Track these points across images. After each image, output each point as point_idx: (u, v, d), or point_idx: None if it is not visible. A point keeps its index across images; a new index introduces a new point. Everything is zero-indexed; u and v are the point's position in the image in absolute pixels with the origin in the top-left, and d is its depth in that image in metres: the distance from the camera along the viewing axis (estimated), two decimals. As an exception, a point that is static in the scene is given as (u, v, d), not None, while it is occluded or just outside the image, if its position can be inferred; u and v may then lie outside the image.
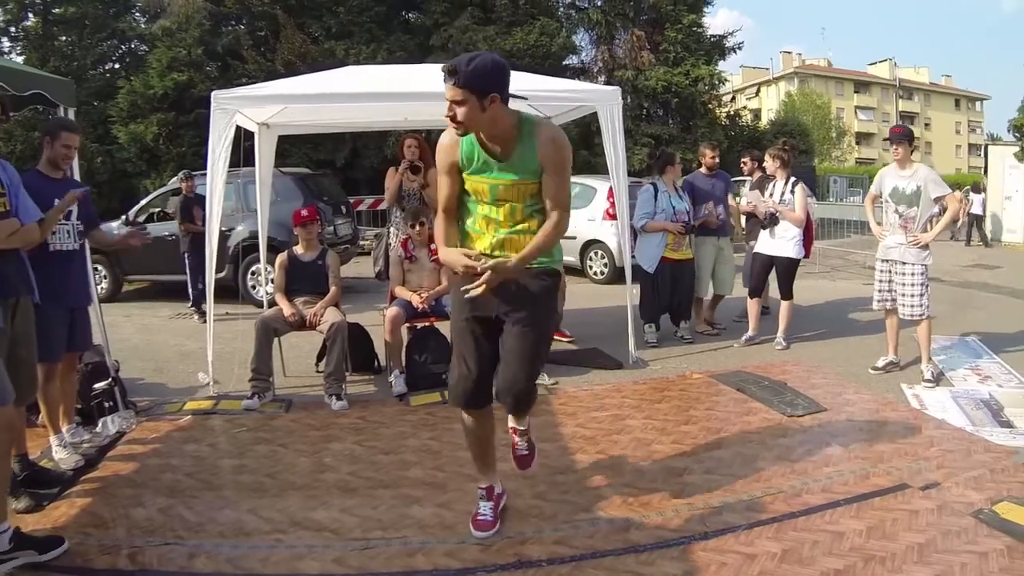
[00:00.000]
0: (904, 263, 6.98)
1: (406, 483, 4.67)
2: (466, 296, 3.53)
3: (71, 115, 6.34)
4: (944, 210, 7.21)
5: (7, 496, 3.80)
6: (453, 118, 3.51)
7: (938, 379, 6.96)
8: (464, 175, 3.76)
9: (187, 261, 10.64)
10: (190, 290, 10.74)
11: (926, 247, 6.95)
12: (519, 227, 3.74)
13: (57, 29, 24.77)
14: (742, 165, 9.98)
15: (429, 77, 7.92)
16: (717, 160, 9.16)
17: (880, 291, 7.24)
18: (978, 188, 24.25)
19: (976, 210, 23.15)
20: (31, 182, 4.57)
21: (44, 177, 4.96)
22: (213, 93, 6.67)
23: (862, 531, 3.89)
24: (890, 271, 7.13)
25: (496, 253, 3.74)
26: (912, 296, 6.97)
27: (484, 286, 3.49)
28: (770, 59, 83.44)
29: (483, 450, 4.15)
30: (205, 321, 8.97)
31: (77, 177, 5.86)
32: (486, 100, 3.45)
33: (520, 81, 7.90)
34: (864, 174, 40.38)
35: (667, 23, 25.36)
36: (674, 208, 8.36)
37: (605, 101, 7.42)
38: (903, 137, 7.06)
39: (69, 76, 23.28)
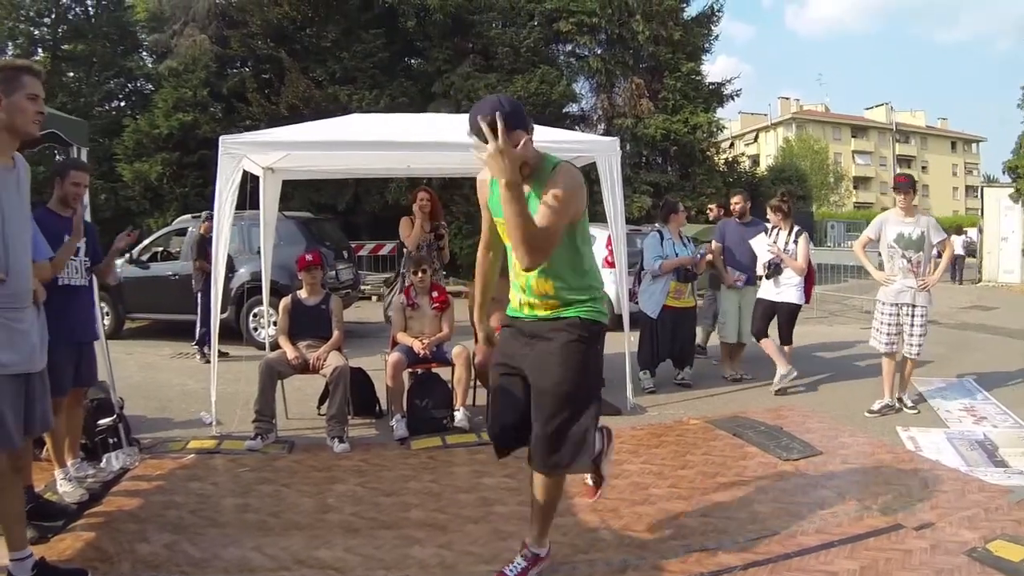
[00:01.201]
0: (915, 306, 7.29)
1: (408, 524, 4.72)
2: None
3: (83, 154, 6.47)
4: (940, 254, 7.58)
5: (24, 526, 3.86)
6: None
7: (917, 403, 7.49)
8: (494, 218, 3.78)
9: (199, 300, 10.62)
10: (197, 328, 10.74)
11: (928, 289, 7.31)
12: (535, 291, 3.68)
13: (65, 66, 25.04)
14: (708, 211, 10.11)
15: (431, 126, 8.11)
16: (740, 206, 9.32)
17: (889, 334, 7.44)
18: (960, 230, 24.93)
19: (958, 251, 23.67)
20: (41, 218, 4.67)
21: (53, 214, 5.07)
22: (221, 138, 6.79)
23: (856, 571, 3.96)
24: (898, 314, 7.37)
25: (525, 312, 3.77)
26: (920, 336, 7.34)
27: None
28: (768, 105, 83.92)
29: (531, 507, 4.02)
30: (207, 362, 9.11)
31: (88, 215, 5.97)
32: (530, 134, 3.44)
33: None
34: (862, 219, 40.60)
35: (666, 71, 25.70)
36: (677, 255, 8.48)
37: (604, 152, 7.55)
38: (909, 186, 7.39)
39: (76, 112, 23.67)
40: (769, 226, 8.65)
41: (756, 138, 72.03)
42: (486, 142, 3.20)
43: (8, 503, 3.61)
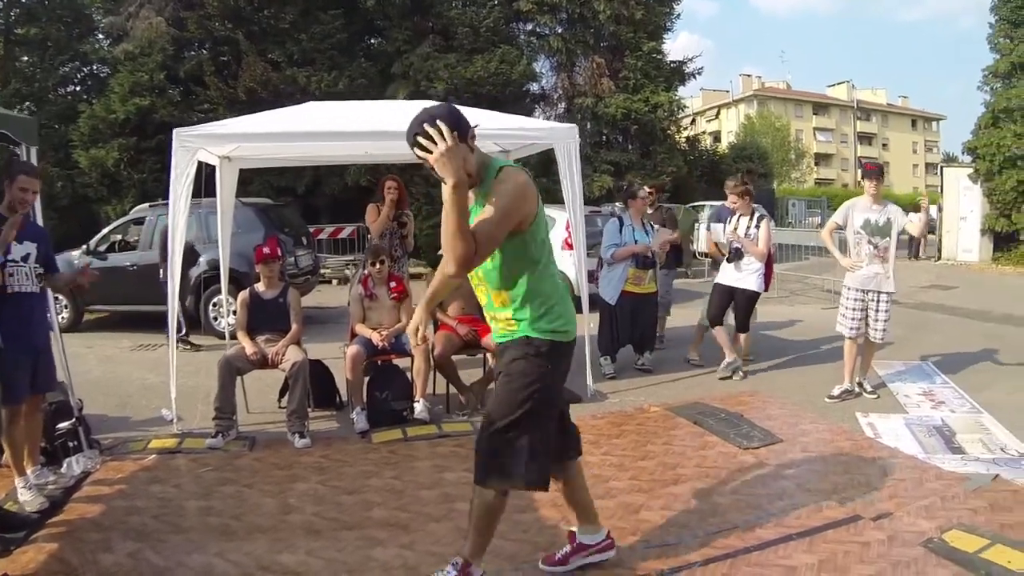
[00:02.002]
0: (880, 292, 7.36)
1: (370, 524, 4.71)
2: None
3: (33, 154, 6.33)
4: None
5: None
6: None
7: (877, 388, 7.51)
8: None
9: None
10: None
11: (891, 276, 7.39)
12: (494, 305, 3.67)
13: (19, 50, 24.53)
14: (648, 195, 9.94)
15: (388, 113, 8.06)
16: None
17: (855, 319, 7.49)
18: (917, 209, 25.64)
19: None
20: None
21: (2, 220, 4.97)
22: (175, 131, 6.70)
23: (814, 564, 4.01)
24: (864, 299, 7.43)
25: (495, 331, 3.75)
26: (885, 322, 7.42)
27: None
28: (730, 81, 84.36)
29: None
30: (188, 347, 9.69)
31: (39, 217, 5.87)
32: (469, 140, 3.35)
33: (480, 118, 8.10)
34: (823, 196, 40.88)
35: (627, 50, 25.63)
36: (636, 242, 8.47)
37: (562, 139, 7.54)
38: (878, 173, 7.46)
39: (31, 98, 23.19)
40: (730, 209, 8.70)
41: (717, 115, 72.34)
42: (428, 151, 3.17)
43: None
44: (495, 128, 7.96)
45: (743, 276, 8.35)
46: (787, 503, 4.87)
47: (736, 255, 8.35)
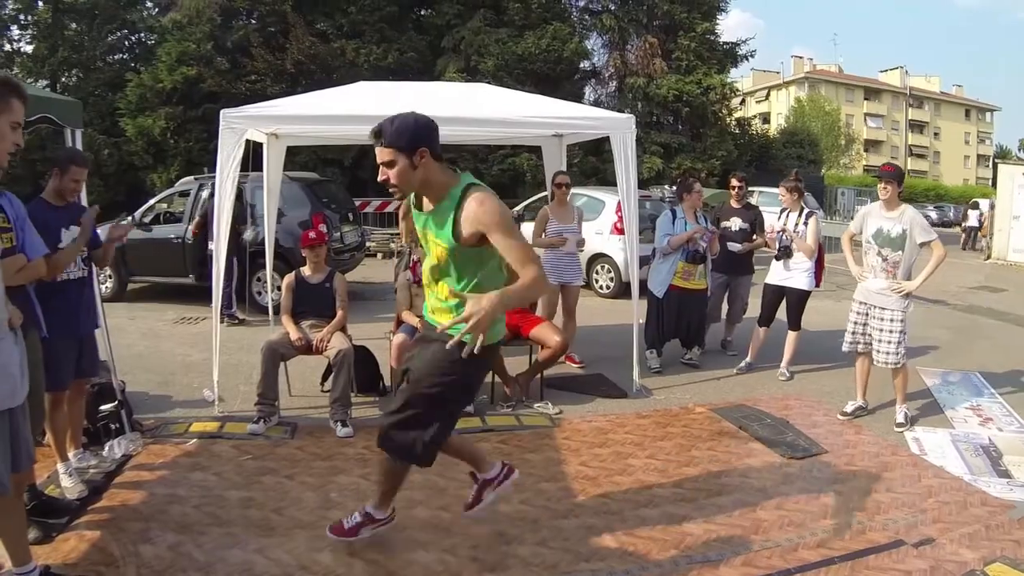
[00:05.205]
0: (883, 308, 6.74)
1: (412, 524, 4.66)
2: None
3: (78, 136, 6.39)
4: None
5: (27, 539, 3.80)
6: (387, 182, 3.60)
7: (912, 422, 6.85)
8: None
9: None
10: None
11: (908, 295, 6.70)
12: (445, 299, 3.81)
13: (67, 18, 24.75)
14: (737, 188, 9.46)
15: (438, 97, 8.03)
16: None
17: (853, 333, 7.02)
18: (975, 205, 25.55)
19: (972, 223, 25.58)
20: (37, 212, 4.50)
21: (49, 207, 4.96)
22: (222, 112, 6.69)
23: (855, 592, 3.93)
24: (867, 314, 6.90)
25: (431, 318, 3.92)
26: (889, 343, 6.75)
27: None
28: (781, 63, 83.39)
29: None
30: (233, 323, 9.79)
31: (84, 201, 5.87)
32: (415, 156, 3.52)
33: (537, 104, 8.07)
34: (872, 184, 40.21)
35: (680, 31, 25.47)
36: None
37: (619, 129, 7.44)
38: (894, 176, 6.76)
39: (78, 66, 23.42)
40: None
41: (767, 95, 71.58)
42: (380, 143, 3.54)
43: (8, 522, 3.56)
44: (552, 116, 7.92)
45: (793, 274, 8.22)
46: (830, 522, 4.79)
47: (786, 252, 8.20)
